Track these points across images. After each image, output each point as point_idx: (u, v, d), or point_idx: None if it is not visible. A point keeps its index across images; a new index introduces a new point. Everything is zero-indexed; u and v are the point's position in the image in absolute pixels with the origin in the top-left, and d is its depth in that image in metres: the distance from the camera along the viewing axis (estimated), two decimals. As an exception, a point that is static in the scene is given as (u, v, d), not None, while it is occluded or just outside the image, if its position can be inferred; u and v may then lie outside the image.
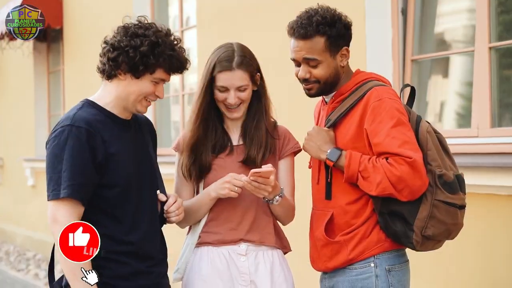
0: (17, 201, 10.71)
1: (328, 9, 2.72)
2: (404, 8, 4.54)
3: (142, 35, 2.55)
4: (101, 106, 2.64)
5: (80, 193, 2.50)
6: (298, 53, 2.70)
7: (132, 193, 2.63)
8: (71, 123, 2.53)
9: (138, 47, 2.53)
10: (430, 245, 2.64)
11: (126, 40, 2.54)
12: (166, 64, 2.58)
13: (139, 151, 2.71)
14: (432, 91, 4.72)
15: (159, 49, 2.55)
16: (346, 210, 2.69)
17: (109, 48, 2.57)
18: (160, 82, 2.63)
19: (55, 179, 2.51)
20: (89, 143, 2.52)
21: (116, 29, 2.61)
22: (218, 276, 2.84)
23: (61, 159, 2.50)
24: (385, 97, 2.62)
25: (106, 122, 2.60)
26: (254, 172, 2.66)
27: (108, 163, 2.56)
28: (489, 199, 3.84)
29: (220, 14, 6.10)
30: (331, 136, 2.71)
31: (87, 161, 2.51)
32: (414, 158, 2.51)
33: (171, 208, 2.73)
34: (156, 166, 2.81)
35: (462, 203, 2.62)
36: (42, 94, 10.23)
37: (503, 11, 4.20)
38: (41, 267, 8.78)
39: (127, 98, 2.62)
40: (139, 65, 2.54)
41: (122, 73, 2.58)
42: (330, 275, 2.77)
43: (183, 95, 7.12)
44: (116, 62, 2.56)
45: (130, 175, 2.62)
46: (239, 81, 2.81)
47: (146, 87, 2.61)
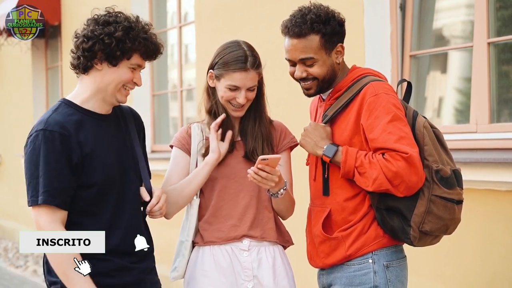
0: (16, 198, 10.70)
1: (321, 6, 2.71)
2: (402, 3, 4.54)
3: (114, 22, 2.56)
4: (78, 104, 2.62)
5: (57, 198, 2.49)
6: (293, 53, 2.69)
7: (113, 189, 2.61)
8: (44, 127, 2.52)
9: (113, 33, 2.53)
10: (428, 241, 2.64)
11: (99, 29, 2.54)
12: (142, 47, 2.58)
13: (121, 145, 2.69)
14: (430, 87, 4.72)
15: (133, 32, 2.55)
16: (344, 206, 2.69)
17: (82, 40, 2.56)
18: (137, 68, 2.63)
19: (33, 185, 2.50)
20: (63, 147, 2.51)
21: (86, 22, 2.62)
22: (221, 272, 2.84)
23: (37, 165, 2.49)
24: (381, 92, 2.61)
25: (82, 121, 2.58)
26: (262, 159, 2.64)
27: (84, 164, 2.55)
28: (488, 195, 3.84)
29: (218, 10, 6.09)
30: (327, 132, 2.71)
31: (62, 165, 2.50)
32: (410, 153, 2.50)
33: (154, 208, 2.70)
34: (141, 157, 2.76)
35: (460, 198, 2.62)
36: (40, 90, 10.22)
37: (502, 7, 4.19)
38: (39, 263, 8.77)
39: (105, 89, 2.60)
40: (116, 50, 2.54)
41: (99, 63, 2.57)
42: (328, 272, 2.77)
43: (181, 91, 7.11)
44: (91, 52, 2.55)
45: (109, 172, 2.60)
46: (251, 81, 2.82)
47: (124, 74, 2.59)
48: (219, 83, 2.85)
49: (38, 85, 10.21)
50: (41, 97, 10.22)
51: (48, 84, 10.22)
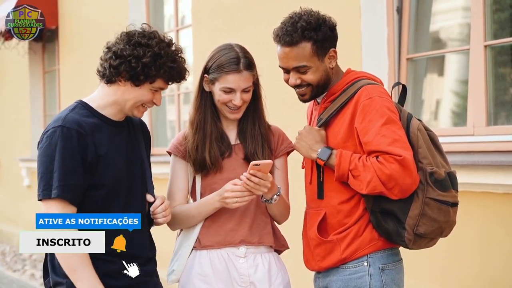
0: (13, 201, 10.69)
1: (311, 13, 2.70)
2: (399, 6, 4.54)
3: (145, 45, 2.57)
4: (94, 108, 2.66)
5: (70, 193, 2.52)
6: (286, 61, 2.70)
7: (122, 193, 2.65)
8: (62, 124, 2.56)
9: (141, 58, 2.55)
10: (423, 243, 2.63)
11: (129, 49, 2.56)
12: (166, 75, 2.61)
13: (130, 152, 2.73)
14: (427, 90, 4.73)
15: (161, 60, 2.57)
16: (339, 209, 2.69)
17: (111, 56, 2.59)
18: (159, 90, 2.66)
19: (46, 179, 2.54)
20: (80, 145, 2.55)
21: (120, 35, 2.63)
22: (218, 276, 2.84)
23: (52, 160, 2.54)
24: (375, 96, 2.61)
25: (97, 125, 2.63)
26: (254, 165, 2.64)
27: (97, 164, 2.58)
28: (485, 197, 3.85)
29: (215, 13, 6.09)
30: (322, 135, 2.71)
31: (77, 162, 2.54)
32: (404, 156, 2.50)
33: (157, 209, 2.74)
34: (147, 168, 2.82)
35: (454, 201, 2.61)
36: (37, 94, 10.22)
37: (498, 9, 4.20)
38: (37, 267, 8.76)
39: (124, 103, 2.65)
40: (140, 75, 2.57)
41: (123, 80, 2.61)
42: (324, 275, 2.77)
43: (178, 95, 7.11)
44: (117, 70, 2.58)
45: (119, 175, 2.64)
46: (245, 82, 2.82)
47: (144, 95, 2.64)
48: (214, 86, 2.84)
49: (35, 89, 10.21)
50: (38, 101, 10.22)
51: (46, 88, 10.22)
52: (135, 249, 2.68)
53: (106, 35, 2.85)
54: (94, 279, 2.52)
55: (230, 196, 2.73)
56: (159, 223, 2.79)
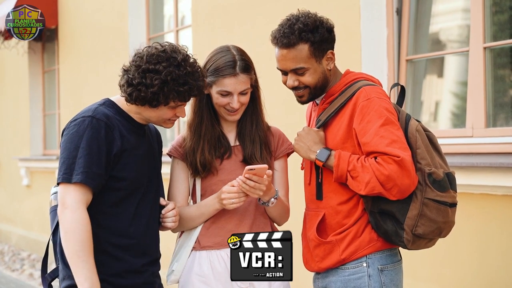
0: (12, 201, 10.69)
1: (309, 14, 2.71)
2: (399, 8, 4.55)
3: (153, 71, 2.58)
4: (121, 108, 2.71)
5: (93, 180, 2.56)
6: (284, 63, 2.71)
7: (139, 191, 2.70)
8: (92, 115, 2.62)
9: (148, 87, 2.58)
10: (422, 244, 2.64)
11: (138, 77, 2.59)
12: (176, 98, 2.62)
13: (149, 155, 2.78)
14: (427, 91, 4.73)
15: (169, 87, 2.58)
16: (338, 210, 2.69)
17: (124, 83, 2.64)
18: (178, 106, 2.68)
19: (68, 163, 2.57)
20: (107, 137, 2.60)
21: (134, 56, 2.65)
22: (217, 277, 2.85)
23: (78, 147, 2.57)
24: (374, 97, 2.62)
25: (123, 123, 2.68)
26: (249, 169, 2.65)
27: (121, 157, 2.63)
28: (484, 199, 3.85)
29: (215, 14, 6.09)
30: (320, 136, 2.72)
31: (103, 153, 2.58)
32: (402, 157, 2.51)
33: (168, 213, 2.79)
34: (160, 173, 2.87)
35: (453, 201, 2.62)
36: (37, 94, 10.21)
37: (498, 11, 4.21)
38: (35, 267, 8.76)
39: (148, 119, 2.72)
40: (152, 100, 2.61)
41: (139, 104, 2.65)
42: (323, 276, 2.77)
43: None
44: (131, 97, 2.62)
45: (139, 172, 2.69)
46: (242, 85, 2.82)
47: (164, 114, 2.68)
48: (212, 89, 2.85)
49: (34, 89, 10.20)
50: (38, 100, 10.21)
51: (45, 88, 10.21)
52: (147, 245, 2.72)
53: (106, 35, 2.86)
54: (91, 267, 2.50)
55: (226, 198, 2.75)
56: (167, 227, 2.82)
